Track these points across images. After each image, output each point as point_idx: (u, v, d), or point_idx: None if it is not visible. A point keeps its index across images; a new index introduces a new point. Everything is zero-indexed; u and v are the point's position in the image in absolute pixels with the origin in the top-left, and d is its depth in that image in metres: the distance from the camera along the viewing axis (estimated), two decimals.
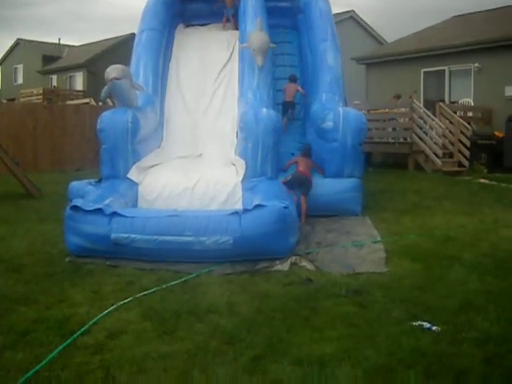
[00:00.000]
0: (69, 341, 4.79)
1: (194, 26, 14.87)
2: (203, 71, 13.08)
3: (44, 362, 4.42)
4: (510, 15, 24.12)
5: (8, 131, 18.92)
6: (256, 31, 11.96)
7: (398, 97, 19.95)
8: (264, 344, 4.72)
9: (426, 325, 5.08)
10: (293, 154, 11.11)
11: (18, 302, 5.83)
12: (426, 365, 4.30)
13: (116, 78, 9.56)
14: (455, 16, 28.98)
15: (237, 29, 14.01)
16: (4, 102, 34.07)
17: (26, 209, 11.55)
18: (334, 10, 15.09)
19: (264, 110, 10.14)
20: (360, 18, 34.86)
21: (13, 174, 13.34)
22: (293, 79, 12.58)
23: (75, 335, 4.92)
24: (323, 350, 4.57)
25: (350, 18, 34.11)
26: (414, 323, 5.13)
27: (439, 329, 5.00)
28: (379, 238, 8.42)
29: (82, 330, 5.03)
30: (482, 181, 15.28)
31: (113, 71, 9.64)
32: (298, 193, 9.80)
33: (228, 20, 14.48)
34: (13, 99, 40.56)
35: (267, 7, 13.67)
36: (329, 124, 10.47)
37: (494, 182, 14.88)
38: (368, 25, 35.25)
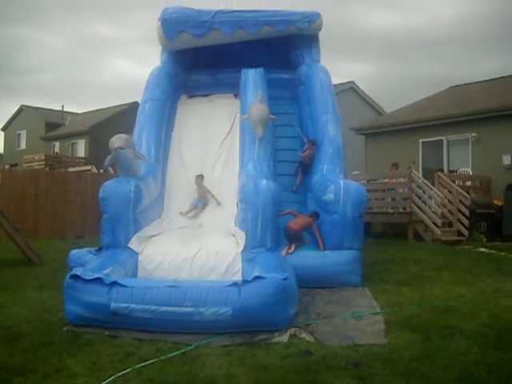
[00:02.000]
0: None
1: (196, 96, 15.14)
2: (205, 142, 13.30)
3: None
4: (506, 85, 24.58)
5: (10, 197, 19.09)
6: (256, 103, 12.17)
7: (396, 166, 20.17)
8: None
9: None
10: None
11: (15, 372, 5.77)
12: None
13: (120, 148, 9.70)
14: (452, 86, 29.50)
15: None
16: (7, 167, 34.36)
17: (26, 276, 11.52)
18: (334, 81, 15.41)
19: (264, 181, 10.26)
20: (359, 89, 35.39)
21: (13, 241, 13.38)
22: (314, 143, 12.76)
23: None
24: None
25: (350, 89, 34.65)
26: None
27: None
28: (379, 310, 8.38)
29: None
30: (482, 250, 15.29)
31: (117, 141, 9.79)
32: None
33: None
34: (15, 165, 40.92)
35: (268, 79, 13.96)
36: (330, 196, 10.59)
37: (493, 251, 14.89)
38: (367, 95, 35.77)
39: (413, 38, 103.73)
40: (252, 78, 13.68)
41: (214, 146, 13.23)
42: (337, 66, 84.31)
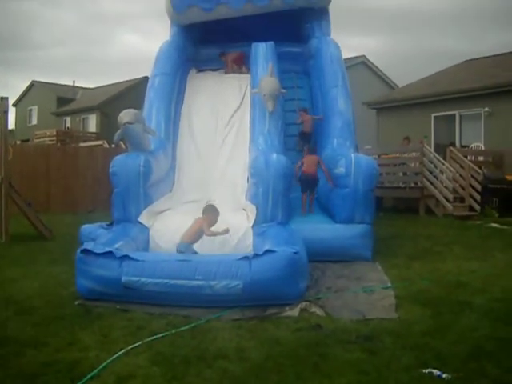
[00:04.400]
0: None
1: (206, 70, 15.09)
2: (215, 116, 13.27)
3: None
4: None
5: (21, 172, 19.03)
6: (267, 77, 12.11)
7: (408, 140, 20.08)
8: None
9: (436, 372, 5.00)
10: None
11: (28, 344, 5.82)
12: None
13: (129, 123, 9.69)
14: (466, 60, 29.21)
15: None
16: (18, 142, 34.41)
17: (38, 250, 11.58)
18: (345, 55, 15.32)
19: (274, 155, 10.23)
20: (371, 63, 35.14)
21: (25, 216, 13.43)
22: (306, 111, 13.13)
23: (84, 379, 4.90)
24: None
25: (362, 63, 34.41)
26: (424, 370, 5.05)
27: (450, 376, 4.92)
28: (390, 284, 8.37)
29: (92, 374, 5.01)
30: (494, 225, 15.20)
31: (126, 115, 9.77)
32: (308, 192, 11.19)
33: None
34: (27, 140, 41.02)
35: (278, 52, 13.90)
36: (341, 170, 10.56)
37: (505, 227, 14.78)
38: (379, 69, 35.53)
39: (420, 12, 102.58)
40: (262, 51, 13.62)
41: (224, 120, 13.20)
42: (347, 39, 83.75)
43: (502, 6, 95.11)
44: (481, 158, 20.03)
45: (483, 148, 21.57)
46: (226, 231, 8.83)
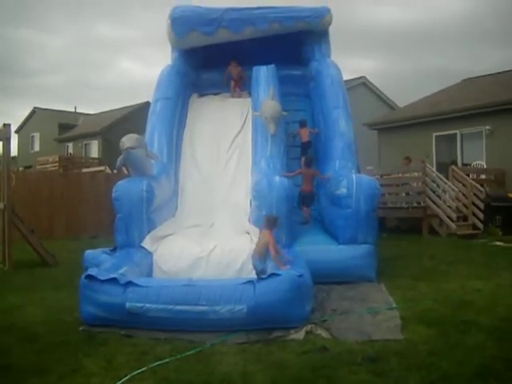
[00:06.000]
0: None
1: (207, 94, 15.15)
2: (217, 140, 13.30)
3: None
4: None
5: (24, 198, 19.03)
6: (268, 99, 12.17)
7: (409, 159, 20.10)
8: None
9: None
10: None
11: (31, 372, 5.78)
12: None
13: (131, 148, 9.70)
14: (465, 79, 29.35)
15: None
16: (21, 169, 34.50)
17: (41, 277, 11.56)
18: (346, 77, 15.36)
19: (277, 178, 10.26)
20: (371, 84, 35.21)
21: (28, 242, 13.42)
22: (303, 124, 13.23)
23: None
24: None
25: (362, 84, 34.46)
26: None
27: None
28: (394, 305, 8.34)
29: None
30: (498, 243, 15.20)
31: (128, 140, 9.78)
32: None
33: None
34: (29, 167, 41.13)
35: (279, 75, 13.97)
36: (342, 190, 10.55)
37: (509, 245, 14.78)
38: (379, 90, 35.59)
39: (417, 32, 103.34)
40: (264, 74, 13.69)
41: (226, 144, 13.24)
42: (346, 61, 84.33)
43: (490, 29, 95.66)
44: (483, 177, 20.08)
45: (485, 166, 21.60)
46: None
